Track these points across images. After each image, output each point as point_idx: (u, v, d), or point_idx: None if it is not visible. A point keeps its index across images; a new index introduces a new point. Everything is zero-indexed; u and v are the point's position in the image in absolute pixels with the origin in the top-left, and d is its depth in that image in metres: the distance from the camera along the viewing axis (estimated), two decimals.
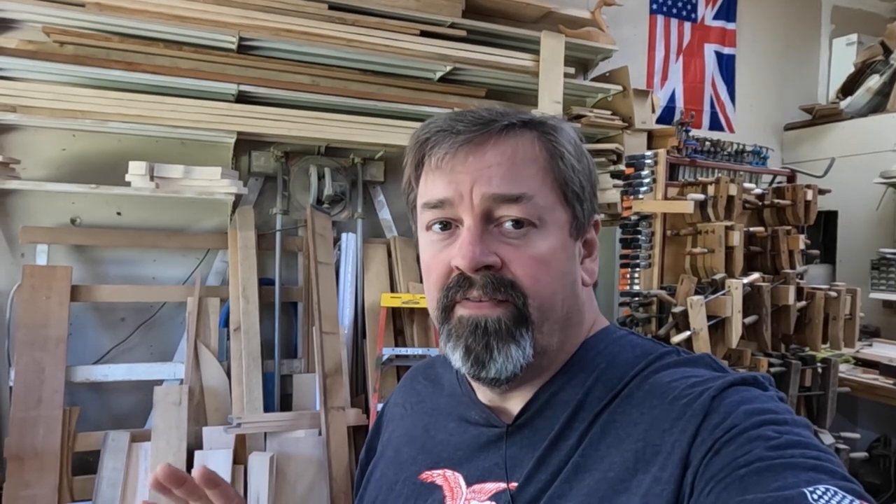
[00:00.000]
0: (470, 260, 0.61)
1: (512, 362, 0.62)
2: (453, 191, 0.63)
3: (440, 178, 0.64)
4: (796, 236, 2.48)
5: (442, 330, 0.66)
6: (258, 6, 2.35)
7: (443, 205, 0.64)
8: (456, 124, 0.64)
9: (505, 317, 0.62)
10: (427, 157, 0.66)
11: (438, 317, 0.66)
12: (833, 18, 4.09)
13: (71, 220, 2.36)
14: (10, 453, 2.03)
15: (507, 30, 2.75)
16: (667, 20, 3.56)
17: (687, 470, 0.54)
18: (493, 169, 0.62)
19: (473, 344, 0.63)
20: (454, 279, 0.64)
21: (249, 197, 2.56)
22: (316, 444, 2.27)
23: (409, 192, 0.71)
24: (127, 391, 2.37)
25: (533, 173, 0.64)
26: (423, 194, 0.67)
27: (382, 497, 0.74)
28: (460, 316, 0.64)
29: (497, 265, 0.62)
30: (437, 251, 0.66)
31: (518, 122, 0.65)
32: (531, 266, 0.62)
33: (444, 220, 0.65)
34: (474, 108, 0.67)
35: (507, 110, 0.66)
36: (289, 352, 2.60)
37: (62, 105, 2.12)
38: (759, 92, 3.88)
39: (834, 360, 2.49)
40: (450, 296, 0.64)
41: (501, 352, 0.62)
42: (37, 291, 2.18)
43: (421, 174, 0.67)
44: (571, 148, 0.67)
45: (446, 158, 0.63)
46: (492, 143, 0.63)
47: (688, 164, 2.55)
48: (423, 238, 0.68)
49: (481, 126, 0.63)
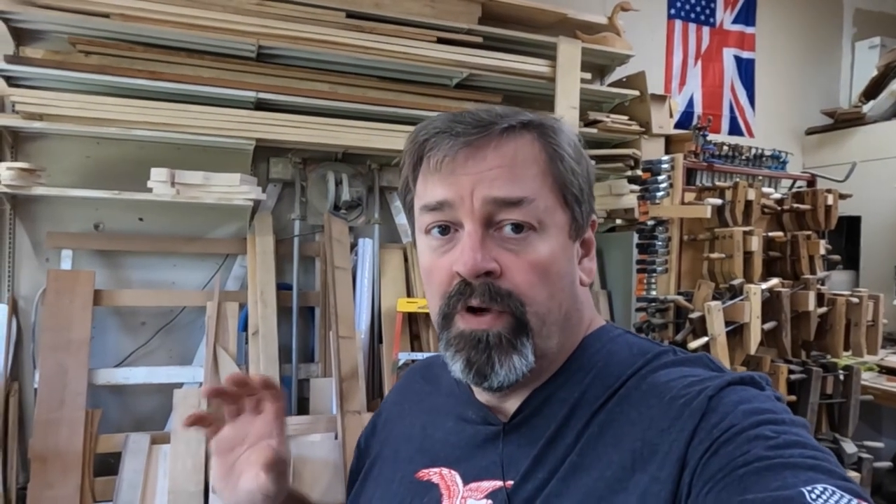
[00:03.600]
0: (471, 267, 0.61)
1: (514, 372, 0.63)
2: (453, 193, 0.62)
3: (440, 180, 0.64)
4: (816, 241, 2.44)
5: (442, 337, 0.66)
6: (276, 15, 2.38)
7: (442, 207, 0.63)
8: (455, 126, 0.63)
9: (505, 330, 0.62)
10: (425, 159, 0.65)
11: (439, 323, 0.66)
12: (855, 21, 4.03)
13: (94, 226, 2.41)
14: (34, 454, 2.07)
15: (523, 36, 2.76)
16: (685, 25, 3.54)
17: (684, 470, 0.54)
18: (493, 172, 0.62)
19: (475, 357, 0.63)
20: (455, 287, 0.63)
21: (268, 203, 2.60)
22: (332, 448, 2.29)
23: (407, 193, 0.70)
24: (147, 394, 2.41)
25: (533, 176, 0.63)
26: (421, 196, 0.67)
27: (379, 496, 0.74)
28: (461, 329, 0.64)
29: (496, 272, 0.62)
30: (436, 256, 0.66)
31: (518, 123, 0.64)
32: (530, 272, 0.62)
33: (444, 223, 0.64)
34: (472, 109, 0.66)
35: (507, 111, 0.65)
36: (306, 356, 2.63)
37: (87, 113, 2.17)
38: (780, 96, 3.83)
39: (856, 368, 2.44)
40: (451, 304, 0.64)
41: (504, 364, 0.62)
42: (61, 295, 2.22)
43: (419, 175, 0.67)
44: (571, 150, 0.67)
45: (446, 161, 0.63)
46: (492, 145, 0.63)
47: (705, 168, 2.54)
48: (421, 242, 0.68)
49: (481, 128, 0.63)
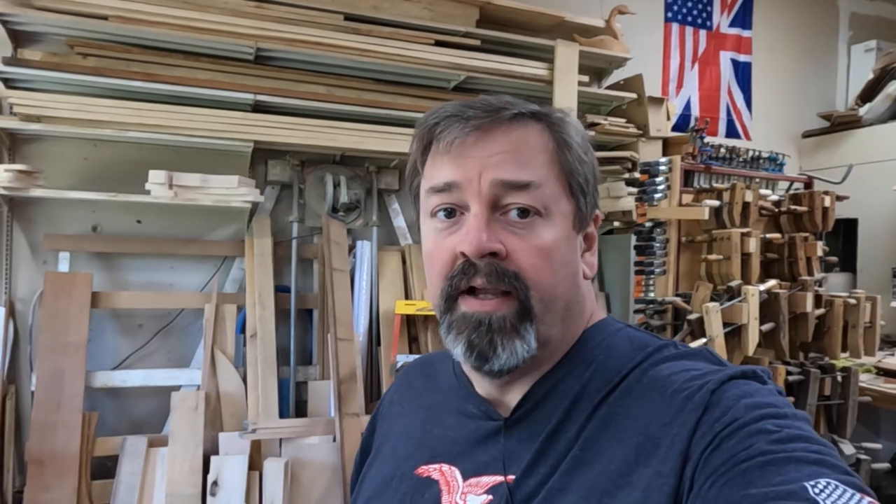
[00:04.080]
0: (476, 246, 0.61)
1: (516, 356, 0.63)
2: (461, 175, 0.63)
3: (448, 162, 0.64)
4: (814, 243, 2.45)
5: (443, 320, 0.66)
6: (274, 17, 2.39)
7: (450, 188, 0.64)
8: (466, 110, 0.64)
9: (509, 314, 0.62)
10: (435, 142, 0.66)
11: (441, 306, 0.65)
12: (851, 25, 4.06)
13: (92, 228, 2.40)
14: (31, 457, 2.07)
15: (521, 39, 2.76)
16: (682, 28, 3.56)
17: (687, 463, 0.54)
18: (502, 156, 0.63)
19: (477, 339, 0.63)
20: (459, 267, 0.63)
21: (266, 205, 2.60)
22: (330, 451, 2.28)
23: (414, 177, 0.71)
24: (145, 396, 2.40)
25: (541, 162, 0.64)
26: (429, 178, 0.67)
27: (379, 493, 0.74)
28: (464, 312, 0.64)
29: (502, 254, 0.62)
30: (441, 239, 0.65)
31: (527, 112, 0.65)
32: (535, 256, 0.62)
33: (450, 205, 0.64)
34: (483, 96, 0.67)
35: (516, 100, 0.66)
36: (304, 358, 2.62)
37: (84, 115, 2.16)
38: (776, 99, 3.85)
39: (854, 369, 2.45)
40: (454, 284, 0.63)
41: (506, 348, 0.62)
42: (58, 298, 2.22)
43: (427, 159, 0.68)
44: (579, 139, 0.67)
45: (455, 143, 0.63)
46: (502, 129, 0.64)
47: (703, 170, 2.54)
48: (426, 225, 0.68)
49: (491, 112, 0.64)
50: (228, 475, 2.13)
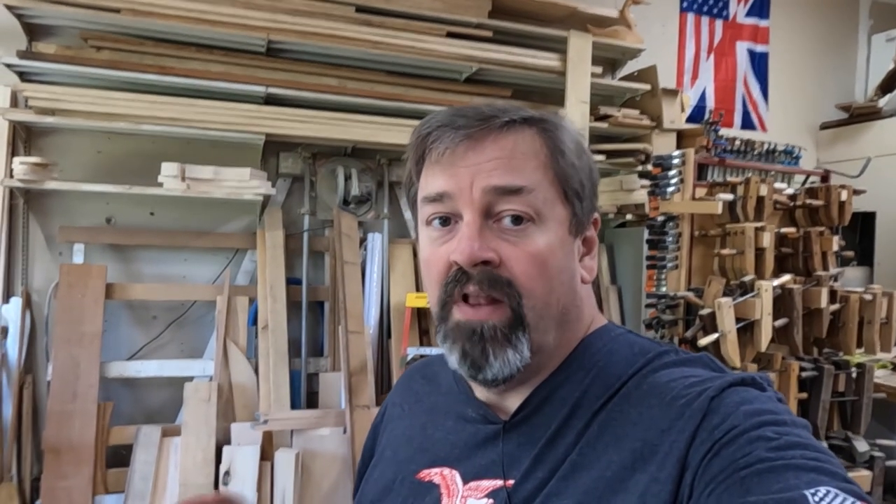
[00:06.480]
0: (468, 255, 0.61)
1: (509, 366, 0.63)
2: (453, 185, 0.63)
3: (440, 172, 0.65)
4: (829, 237, 2.41)
5: (440, 328, 0.67)
6: (286, 10, 2.38)
7: (442, 198, 0.64)
8: (456, 119, 0.64)
9: (500, 323, 0.62)
10: (428, 152, 0.66)
11: (437, 313, 0.66)
12: (871, 13, 3.97)
13: (106, 220, 2.43)
14: (48, 445, 2.10)
15: (533, 30, 2.74)
16: (697, 18, 3.51)
17: (686, 471, 0.54)
18: (493, 163, 0.63)
19: (470, 349, 0.63)
20: (452, 274, 0.64)
21: (277, 198, 2.61)
22: (341, 442, 2.30)
23: (410, 186, 0.71)
24: (158, 387, 2.44)
25: (533, 167, 0.64)
26: (423, 188, 0.68)
27: (381, 497, 0.74)
28: (458, 320, 0.64)
29: (495, 262, 0.62)
30: (436, 247, 0.66)
31: (519, 118, 0.65)
32: (528, 263, 0.62)
33: (444, 214, 0.65)
34: (475, 104, 0.67)
35: (508, 106, 0.66)
36: (315, 350, 2.64)
37: (98, 108, 2.18)
38: (794, 90, 3.79)
39: (869, 365, 2.41)
40: (448, 290, 0.64)
41: (498, 357, 0.63)
42: (73, 289, 2.25)
43: (422, 169, 0.68)
44: (572, 145, 0.67)
45: (447, 153, 0.64)
46: (492, 138, 0.64)
47: (717, 163, 2.51)
48: (422, 233, 0.69)
49: (482, 121, 0.64)
50: (240, 465, 2.16)
